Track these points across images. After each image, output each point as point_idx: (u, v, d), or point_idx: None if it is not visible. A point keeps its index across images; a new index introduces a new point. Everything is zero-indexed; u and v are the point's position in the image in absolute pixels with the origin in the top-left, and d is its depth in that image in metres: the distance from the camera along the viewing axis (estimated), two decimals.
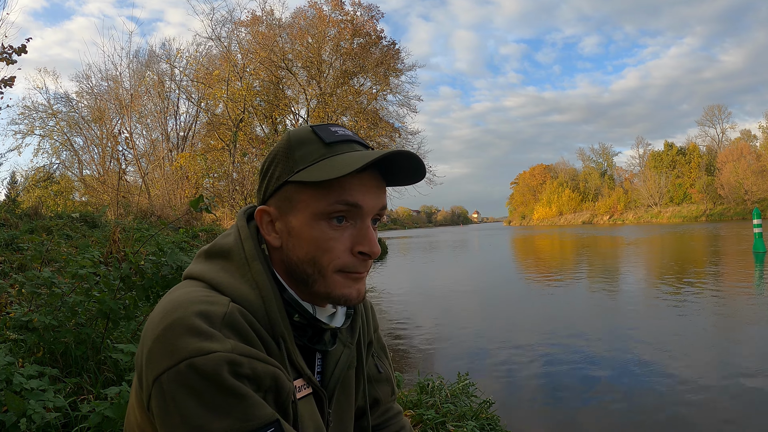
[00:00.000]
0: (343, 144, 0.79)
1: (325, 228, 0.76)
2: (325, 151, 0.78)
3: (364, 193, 0.77)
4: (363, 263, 0.79)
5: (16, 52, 6.96)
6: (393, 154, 0.75)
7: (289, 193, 0.78)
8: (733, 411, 3.52)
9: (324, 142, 0.78)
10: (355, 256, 0.77)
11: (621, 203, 79.79)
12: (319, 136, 0.79)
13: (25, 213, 8.58)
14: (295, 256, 0.78)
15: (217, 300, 0.72)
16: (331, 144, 0.78)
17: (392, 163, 0.78)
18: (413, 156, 0.78)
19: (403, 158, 0.78)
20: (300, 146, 0.79)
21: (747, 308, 6.99)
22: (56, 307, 2.66)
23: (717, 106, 73.84)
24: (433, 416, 2.86)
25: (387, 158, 0.76)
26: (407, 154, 0.77)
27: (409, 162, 0.79)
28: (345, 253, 0.77)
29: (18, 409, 1.81)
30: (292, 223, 0.78)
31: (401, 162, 0.79)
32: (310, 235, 0.76)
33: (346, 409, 0.91)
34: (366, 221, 0.78)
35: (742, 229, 28.40)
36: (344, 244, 0.77)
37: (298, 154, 0.78)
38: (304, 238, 0.77)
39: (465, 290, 10.77)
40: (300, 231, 0.77)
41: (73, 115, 22.41)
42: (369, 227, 0.78)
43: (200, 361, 0.64)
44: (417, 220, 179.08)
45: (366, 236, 0.77)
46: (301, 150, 0.79)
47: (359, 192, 0.76)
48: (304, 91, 22.48)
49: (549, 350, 5.33)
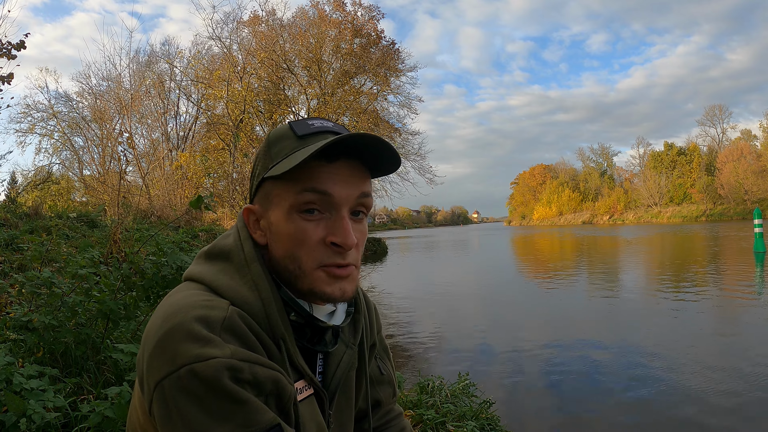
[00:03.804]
0: (316, 135, 0.78)
1: (298, 220, 0.75)
2: (297, 144, 0.77)
3: (335, 182, 0.75)
4: (340, 255, 0.76)
5: (15, 47, 6.96)
6: (352, 136, 0.72)
7: (267, 190, 0.79)
8: (747, 413, 3.47)
9: (296, 135, 0.78)
10: (329, 247, 0.76)
11: (621, 203, 79.79)
12: (293, 130, 0.79)
13: (25, 213, 8.59)
14: (276, 252, 0.78)
15: (216, 304, 0.71)
16: (303, 136, 0.78)
17: (367, 149, 0.76)
18: (378, 139, 0.74)
19: (373, 143, 0.75)
20: (276, 142, 0.79)
21: (747, 308, 6.99)
22: (56, 307, 2.66)
23: (718, 106, 73.97)
24: (433, 416, 2.86)
25: (361, 145, 0.74)
26: (371, 138, 0.73)
27: (380, 147, 0.75)
28: (320, 245, 0.75)
29: (18, 409, 1.81)
30: (272, 219, 0.78)
31: (375, 148, 0.76)
32: (286, 229, 0.76)
33: (346, 411, 0.90)
34: (341, 212, 0.76)
35: (742, 229, 28.39)
36: (318, 236, 0.75)
37: (274, 151, 0.79)
38: (282, 233, 0.76)
39: (465, 290, 10.77)
40: (278, 226, 0.77)
41: (74, 115, 22.44)
42: (344, 218, 0.76)
43: (200, 367, 0.64)
44: (417, 220, 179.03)
45: (340, 226, 0.75)
46: (277, 146, 0.79)
47: (329, 180, 0.75)
48: (304, 91, 22.48)
49: (549, 350, 5.33)
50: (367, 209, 0.80)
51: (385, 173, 0.82)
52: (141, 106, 21.65)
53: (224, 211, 16.49)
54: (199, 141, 22.71)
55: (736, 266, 12.11)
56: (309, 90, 22.40)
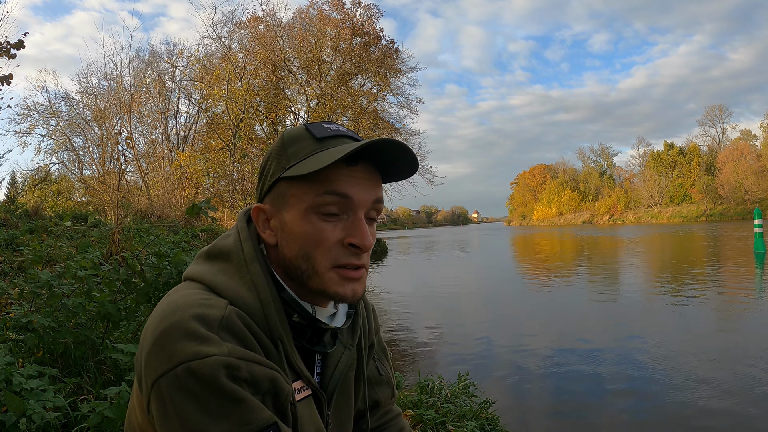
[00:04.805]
0: (334, 139, 0.79)
1: (316, 221, 0.76)
2: (317, 146, 0.78)
3: (353, 185, 0.76)
4: (356, 256, 0.78)
5: (14, 47, 6.96)
6: (380, 141, 0.74)
7: (282, 190, 0.79)
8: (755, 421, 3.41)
9: (315, 137, 0.79)
10: (347, 248, 0.77)
11: (621, 203, 79.76)
12: (311, 132, 0.80)
13: (25, 213, 8.59)
14: (289, 252, 0.78)
15: (214, 303, 0.72)
16: (322, 139, 0.79)
17: (383, 155, 0.78)
18: (402, 145, 0.76)
19: (393, 148, 0.76)
20: (292, 143, 0.80)
21: (747, 308, 6.99)
22: (56, 308, 2.66)
23: (718, 106, 73.88)
24: (433, 416, 2.86)
25: (377, 150, 0.76)
26: (396, 143, 0.75)
27: (399, 152, 0.78)
28: (336, 246, 0.76)
29: (18, 409, 1.81)
30: (286, 218, 0.78)
31: (392, 153, 0.78)
32: (302, 229, 0.76)
33: (345, 411, 0.91)
34: (358, 214, 0.77)
35: (742, 229, 28.39)
36: (336, 237, 0.76)
37: (290, 151, 0.79)
38: (297, 232, 0.77)
39: (465, 290, 10.78)
40: (293, 226, 0.77)
41: (74, 115, 22.43)
42: (361, 219, 0.77)
43: (197, 365, 0.64)
44: (417, 220, 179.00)
45: (358, 228, 0.77)
46: (294, 147, 0.79)
47: (349, 183, 0.76)
48: (304, 91, 22.48)
49: (549, 350, 5.33)
50: (378, 214, 0.82)
51: (398, 179, 0.84)
52: (141, 106, 21.67)
53: (224, 211, 16.50)
54: (199, 141, 22.72)
55: (736, 266, 12.11)
56: (308, 90, 22.40)
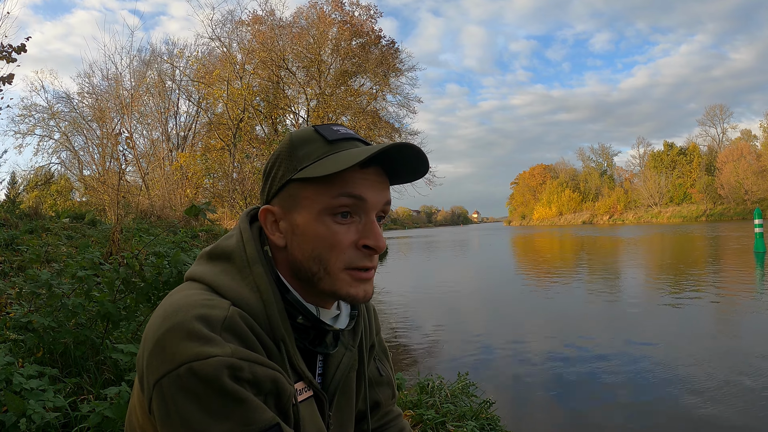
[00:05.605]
0: (345, 141, 0.80)
1: (330, 223, 0.76)
2: (328, 149, 0.78)
3: (367, 187, 0.77)
4: (369, 258, 0.79)
5: (16, 51, 6.96)
6: (398, 145, 0.75)
7: (293, 191, 0.78)
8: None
9: (327, 140, 0.79)
10: (360, 250, 0.78)
11: (621, 203, 79.75)
12: (321, 134, 0.80)
13: (25, 213, 8.59)
14: (300, 254, 0.78)
15: (217, 303, 0.72)
16: (333, 141, 0.79)
17: (395, 158, 0.79)
18: (416, 149, 0.77)
19: (407, 152, 0.78)
20: (303, 145, 0.79)
21: (747, 308, 6.99)
22: (56, 308, 2.66)
23: (718, 106, 73.82)
24: (433, 416, 2.86)
25: (390, 154, 0.77)
26: (411, 147, 0.77)
27: (412, 156, 0.79)
28: (350, 248, 0.77)
29: (18, 409, 1.81)
30: (297, 220, 0.78)
31: (404, 157, 0.79)
32: (315, 231, 0.76)
33: (346, 412, 0.91)
34: (371, 216, 0.78)
35: (742, 229, 28.39)
36: (350, 239, 0.77)
37: (301, 153, 0.79)
38: (310, 234, 0.77)
39: (465, 290, 10.78)
40: (305, 228, 0.77)
41: (74, 115, 22.43)
42: (374, 221, 0.78)
43: (199, 366, 0.64)
44: (417, 220, 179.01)
45: (371, 230, 0.78)
46: (304, 149, 0.79)
47: (363, 186, 0.77)
48: (303, 91, 22.49)
49: (549, 350, 5.33)
50: (385, 215, 0.83)
51: (405, 181, 0.85)
52: (141, 106, 21.67)
53: (224, 211, 16.50)
54: (199, 141, 22.72)
55: (736, 267, 12.11)
56: (308, 90, 22.40)
